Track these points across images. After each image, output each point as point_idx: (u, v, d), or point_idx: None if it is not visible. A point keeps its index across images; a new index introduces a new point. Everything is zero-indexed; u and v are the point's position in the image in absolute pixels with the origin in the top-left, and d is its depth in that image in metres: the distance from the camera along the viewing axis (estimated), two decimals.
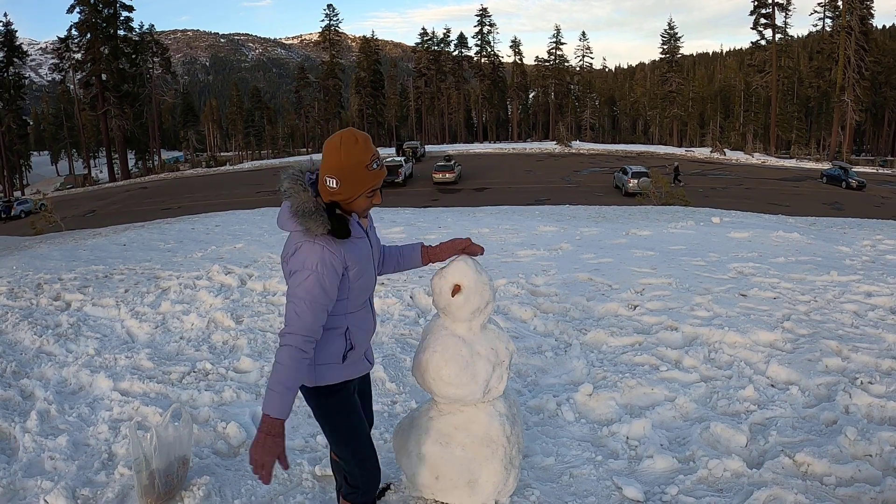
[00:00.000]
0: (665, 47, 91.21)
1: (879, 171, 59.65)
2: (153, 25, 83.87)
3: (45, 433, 4.09)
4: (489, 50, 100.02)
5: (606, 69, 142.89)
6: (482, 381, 2.91)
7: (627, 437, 3.98)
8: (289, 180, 2.48)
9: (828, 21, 75.34)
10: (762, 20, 75.53)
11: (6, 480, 3.57)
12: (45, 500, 3.36)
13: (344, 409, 2.70)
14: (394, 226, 12.34)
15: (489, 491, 3.08)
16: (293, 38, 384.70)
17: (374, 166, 2.46)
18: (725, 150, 71.09)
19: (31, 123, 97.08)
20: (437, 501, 3.21)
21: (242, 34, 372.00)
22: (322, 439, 3.97)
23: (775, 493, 3.32)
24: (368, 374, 2.93)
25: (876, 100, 78.25)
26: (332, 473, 3.59)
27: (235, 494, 3.44)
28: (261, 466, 2.33)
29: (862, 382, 4.54)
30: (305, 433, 4.08)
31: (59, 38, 77.24)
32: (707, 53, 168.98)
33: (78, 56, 75.27)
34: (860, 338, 5.46)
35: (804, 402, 4.36)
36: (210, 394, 4.61)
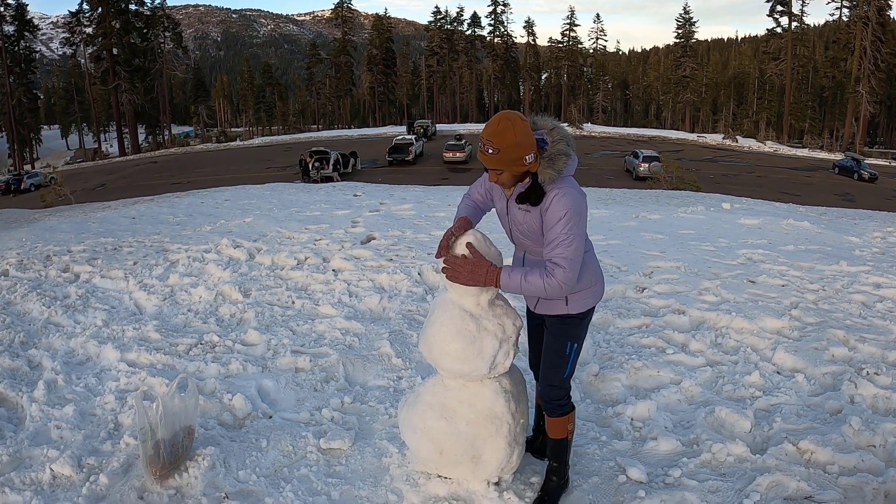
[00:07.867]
0: (680, 32, 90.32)
1: (892, 164, 59.12)
2: (164, 0, 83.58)
3: (52, 403, 4.12)
4: (502, 30, 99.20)
5: (620, 52, 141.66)
6: (489, 356, 2.91)
7: (632, 419, 3.99)
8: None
9: (845, 11, 74.49)
10: (778, 7, 74.73)
11: (13, 449, 3.60)
12: (52, 469, 3.39)
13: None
14: (403, 203, 12.29)
15: (493, 467, 3.08)
16: (305, 14, 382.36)
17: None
18: (738, 137, 70.65)
19: (42, 97, 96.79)
20: (440, 476, 3.23)
21: (254, 10, 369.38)
22: (328, 412, 3.99)
23: (778, 479, 3.33)
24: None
25: (891, 92, 77.12)
26: (337, 447, 3.61)
27: (240, 465, 3.46)
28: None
29: (868, 373, 4.53)
30: (311, 406, 4.10)
31: (70, 12, 76.99)
32: (722, 39, 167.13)
33: (89, 30, 74.98)
34: (867, 328, 5.44)
35: (809, 390, 4.36)
36: (216, 366, 4.64)
